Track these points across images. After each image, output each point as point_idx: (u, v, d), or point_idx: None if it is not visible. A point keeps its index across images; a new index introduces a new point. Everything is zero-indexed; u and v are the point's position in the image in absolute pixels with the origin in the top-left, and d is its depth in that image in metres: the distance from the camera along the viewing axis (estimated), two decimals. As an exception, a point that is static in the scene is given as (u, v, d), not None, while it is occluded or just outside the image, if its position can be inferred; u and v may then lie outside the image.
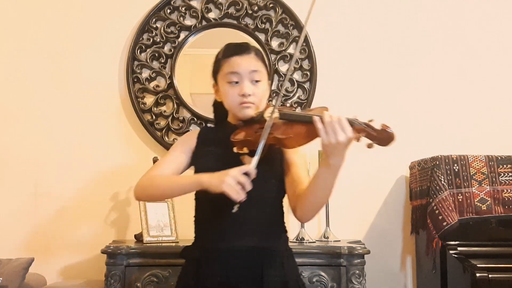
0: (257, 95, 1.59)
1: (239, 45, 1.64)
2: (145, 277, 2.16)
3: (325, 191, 1.47)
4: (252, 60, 1.61)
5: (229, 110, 1.65)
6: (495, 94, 2.76)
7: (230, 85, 1.59)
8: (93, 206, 2.63)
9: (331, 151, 1.38)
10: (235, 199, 1.37)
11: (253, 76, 1.59)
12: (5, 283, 2.17)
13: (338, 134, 1.35)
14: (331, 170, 1.42)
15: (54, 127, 2.70)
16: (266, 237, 1.57)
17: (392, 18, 2.80)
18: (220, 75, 1.63)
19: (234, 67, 1.59)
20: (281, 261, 1.58)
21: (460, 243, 2.27)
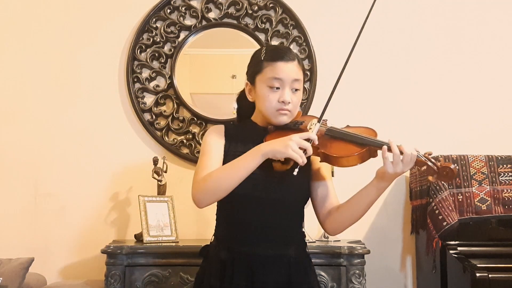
0: (294, 103, 1.59)
1: (284, 50, 1.62)
2: (145, 277, 2.16)
3: (364, 209, 1.55)
4: (295, 68, 1.60)
5: (262, 113, 1.62)
6: (495, 94, 2.76)
7: (271, 90, 1.57)
8: (93, 206, 2.64)
9: (387, 177, 1.47)
10: (300, 163, 1.40)
11: (294, 85, 1.59)
12: (5, 283, 2.17)
13: (406, 166, 1.44)
14: (378, 191, 1.51)
15: (54, 127, 2.70)
16: (291, 244, 1.59)
17: (392, 18, 2.80)
18: (260, 77, 1.59)
19: (278, 73, 1.56)
20: (305, 268, 1.60)
21: (460, 243, 2.26)
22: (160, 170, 2.47)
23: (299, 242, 1.64)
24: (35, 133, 2.69)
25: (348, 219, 1.57)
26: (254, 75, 1.62)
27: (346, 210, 1.56)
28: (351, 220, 1.58)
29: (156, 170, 2.46)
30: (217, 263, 1.56)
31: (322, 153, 1.51)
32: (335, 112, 2.65)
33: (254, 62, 1.63)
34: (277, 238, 1.55)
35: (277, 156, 1.43)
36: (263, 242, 1.53)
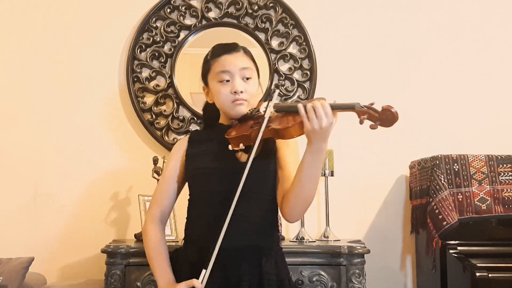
0: (248, 92, 1.60)
1: (227, 44, 1.65)
2: (145, 277, 2.16)
3: (310, 180, 1.46)
4: (241, 57, 1.62)
5: (221, 110, 1.65)
6: (494, 93, 2.76)
7: (222, 84, 1.60)
8: (93, 206, 2.63)
9: (313, 136, 1.40)
10: None
11: (244, 73, 1.60)
12: (5, 283, 2.17)
13: (321, 119, 1.37)
14: (314, 155, 1.42)
15: (54, 127, 2.70)
16: (261, 235, 1.57)
17: (392, 17, 2.80)
18: (210, 75, 1.64)
19: (224, 65, 1.60)
20: (275, 259, 1.59)
21: (460, 242, 2.27)
22: (160, 169, 2.47)
23: (270, 233, 1.62)
24: (35, 133, 2.69)
25: (299, 197, 1.48)
26: (205, 75, 1.66)
27: (295, 186, 1.48)
28: (301, 198, 1.48)
29: (156, 169, 2.46)
30: (186, 266, 1.56)
31: (273, 130, 1.47)
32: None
33: (203, 64, 1.68)
34: (247, 230, 1.54)
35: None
36: (231, 236, 1.49)
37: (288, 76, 2.72)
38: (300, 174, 1.46)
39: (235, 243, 1.52)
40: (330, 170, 2.51)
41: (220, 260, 1.50)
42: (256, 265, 1.53)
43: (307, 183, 1.46)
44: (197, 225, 1.60)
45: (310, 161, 1.43)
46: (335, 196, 2.59)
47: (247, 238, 1.54)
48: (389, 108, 1.37)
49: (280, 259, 1.62)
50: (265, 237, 1.59)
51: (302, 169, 1.45)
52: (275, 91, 1.52)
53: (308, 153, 1.43)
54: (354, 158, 2.69)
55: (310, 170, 1.44)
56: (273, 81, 2.70)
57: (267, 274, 1.53)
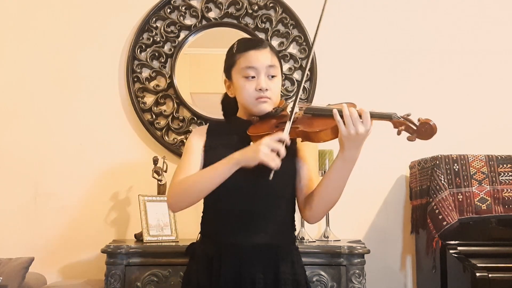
0: (273, 90, 1.58)
1: (255, 39, 1.66)
2: (145, 277, 2.16)
3: (337, 186, 1.47)
4: (268, 54, 1.59)
5: (243, 106, 1.62)
6: (495, 94, 2.76)
7: (247, 80, 1.57)
8: (93, 206, 2.63)
9: (347, 143, 1.39)
10: (272, 167, 1.36)
11: (269, 71, 1.58)
12: (5, 283, 2.17)
13: (358, 126, 1.37)
14: (345, 163, 1.43)
15: (54, 127, 2.70)
16: (279, 234, 1.57)
17: (392, 17, 2.80)
18: (235, 69, 1.60)
19: (251, 61, 1.56)
20: (292, 259, 1.58)
21: (460, 242, 2.26)
22: (160, 169, 2.47)
23: (288, 233, 1.61)
24: (35, 133, 2.69)
25: (324, 201, 1.50)
26: (229, 69, 1.62)
27: (322, 191, 1.48)
28: (326, 202, 1.50)
29: (156, 169, 2.46)
30: (203, 259, 1.55)
31: (301, 132, 1.47)
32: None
33: (228, 57, 1.64)
34: (265, 228, 1.53)
35: (250, 163, 1.40)
36: (250, 233, 1.51)
37: (288, 76, 2.72)
38: (328, 180, 1.47)
39: (254, 240, 1.51)
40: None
41: (237, 256, 1.50)
42: (272, 264, 1.52)
43: (334, 189, 1.47)
44: (217, 220, 1.57)
45: (340, 168, 1.44)
46: (335, 196, 2.58)
47: (266, 237, 1.53)
48: (427, 121, 1.36)
49: (297, 259, 1.61)
50: (283, 236, 1.58)
51: (331, 174, 1.46)
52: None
53: (340, 159, 1.43)
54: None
55: (338, 177, 1.45)
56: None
57: (284, 274, 1.52)
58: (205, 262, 1.54)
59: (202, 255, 1.56)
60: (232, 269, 1.49)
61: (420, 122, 1.36)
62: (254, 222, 1.51)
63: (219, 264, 1.51)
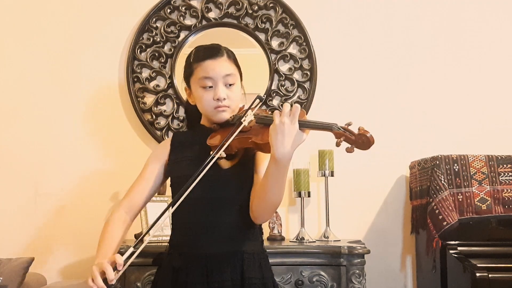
0: (231, 98, 1.59)
1: (210, 48, 1.63)
2: (145, 277, 2.16)
3: (274, 188, 1.44)
4: (225, 63, 1.60)
5: (203, 114, 1.65)
6: (495, 94, 2.76)
7: (204, 90, 1.59)
8: (93, 206, 2.63)
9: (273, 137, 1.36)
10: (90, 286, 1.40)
11: (227, 80, 1.59)
12: (5, 283, 2.17)
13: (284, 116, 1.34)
14: (277, 165, 1.38)
15: (54, 127, 2.70)
16: (244, 240, 1.57)
17: (392, 17, 2.80)
18: (193, 79, 1.62)
19: (208, 71, 1.58)
20: (259, 263, 1.58)
21: (460, 242, 2.26)
22: (160, 170, 2.47)
23: (253, 237, 1.61)
24: (35, 133, 2.69)
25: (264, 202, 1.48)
26: (188, 78, 1.65)
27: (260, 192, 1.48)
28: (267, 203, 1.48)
29: (156, 170, 2.46)
30: (169, 271, 1.55)
31: (252, 143, 1.48)
32: (335, 112, 2.67)
33: (186, 65, 1.66)
34: (229, 236, 1.54)
35: None
36: (215, 242, 1.52)
37: (288, 76, 2.72)
38: (264, 182, 1.46)
39: (218, 249, 1.52)
40: (330, 170, 2.51)
41: (203, 267, 1.51)
42: (239, 270, 1.53)
43: (271, 191, 1.45)
44: (180, 231, 1.59)
45: (273, 170, 1.41)
46: (335, 196, 2.59)
47: (229, 244, 1.54)
48: (364, 133, 1.33)
49: (264, 262, 1.61)
50: (247, 242, 1.58)
51: (266, 178, 1.44)
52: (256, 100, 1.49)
53: (271, 162, 1.40)
54: (354, 158, 2.67)
55: (273, 179, 1.43)
56: (273, 81, 2.70)
57: (250, 279, 1.53)
58: (170, 274, 1.54)
59: (168, 266, 1.57)
60: (200, 279, 1.50)
61: (358, 133, 1.34)
62: (217, 231, 1.52)
63: (185, 275, 1.51)
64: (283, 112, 1.35)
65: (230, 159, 1.53)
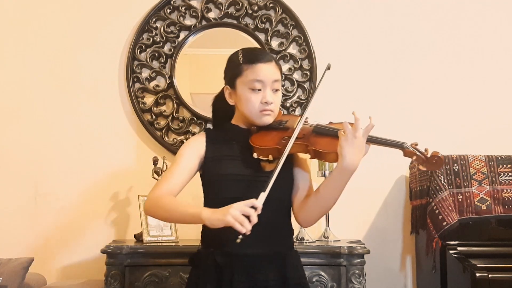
0: (276, 103, 1.63)
1: (262, 52, 1.67)
2: (145, 277, 2.16)
3: (333, 195, 1.53)
4: (274, 69, 1.63)
5: (245, 116, 1.63)
6: (495, 94, 2.76)
7: (253, 92, 1.59)
8: (93, 206, 2.63)
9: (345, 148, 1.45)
10: (239, 230, 1.37)
11: (274, 85, 1.61)
12: (5, 283, 2.17)
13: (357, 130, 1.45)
14: (343, 173, 1.48)
15: (54, 127, 2.70)
16: (283, 241, 1.63)
17: (392, 18, 2.80)
18: (240, 80, 1.61)
19: (259, 74, 1.59)
20: (295, 264, 1.63)
21: (460, 243, 2.27)
22: (160, 170, 2.47)
23: (289, 238, 1.67)
24: (35, 133, 2.69)
25: (319, 208, 1.57)
26: (233, 78, 1.63)
27: (319, 198, 1.55)
28: (321, 209, 1.58)
29: (156, 170, 2.46)
30: (212, 268, 1.55)
31: (312, 150, 1.54)
32: (334, 112, 2.66)
33: (233, 65, 1.65)
34: (272, 237, 1.58)
35: (215, 224, 1.42)
36: (259, 242, 1.53)
37: (288, 76, 2.72)
38: (325, 188, 1.53)
39: (260, 249, 1.55)
40: (330, 171, 2.51)
41: (247, 266, 1.53)
42: (280, 271, 1.56)
43: (330, 197, 1.54)
44: (222, 230, 1.55)
45: (337, 177, 1.50)
46: (335, 196, 2.58)
47: (273, 244, 1.57)
48: (436, 154, 1.47)
49: (298, 263, 1.66)
50: (285, 242, 1.64)
51: (328, 183, 1.53)
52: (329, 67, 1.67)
53: (338, 169, 1.49)
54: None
55: (335, 186, 1.52)
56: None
57: (292, 279, 1.57)
58: (213, 272, 1.55)
59: (210, 264, 1.56)
60: (245, 278, 1.52)
61: (431, 154, 1.47)
62: (260, 231, 1.52)
63: (231, 274, 1.52)
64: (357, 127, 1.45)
65: (272, 162, 1.58)
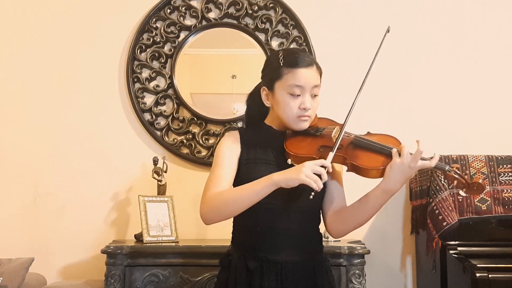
0: (314, 109, 1.61)
1: (303, 55, 1.60)
2: (145, 277, 2.16)
3: (371, 211, 1.54)
4: (315, 74, 1.60)
5: (281, 119, 1.61)
6: (495, 94, 2.75)
7: (292, 97, 1.56)
8: (93, 206, 2.63)
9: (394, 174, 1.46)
10: (314, 188, 1.38)
11: (314, 91, 1.59)
12: (5, 283, 2.17)
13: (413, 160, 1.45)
14: (385, 194, 1.49)
15: (54, 127, 2.70)
16: (315, 248, 1.63)
17: (392, 18, 2.80)
18: (280, 83, 1.57)
19: (300, 80, 1.55)
20: (326, 271, 1.63)
21: (460, 243, 2.26)
22: (160, 170, 2.47)
23: (320, 245, 1.67)
24: (35, 133, 2.69)
25: (355, 222, 1.58)
26: (273, 81, 1.59)
27: (352, 213, 1.56)
28: (355, 223, 1.58)
29: (156, 170, 2.46)
30: (243, 272, 1.55)
31: (350, 164, 1.52)
32: (335, 112, 2.66)
33: (273, 67, 1.60)
34: (303, 244, 1.58)
35: (290, 184, 1.40)
36: (290, 249, 1.54)
37: (288, 76, 2.72)
38: (364, 205, 1.54)
39: (292, 256, 1.55)
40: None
41: (278, 272, 1.53)
42: (310, 279, 1.56)
43: (368, 214, 1.55)
44: (255, 236, 1.57)
45: (378, 197, 1.51)
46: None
47: (303, 251, 1.57)
48: (477, 180, 1.48)
49: (329, 270, 1.66)
50: (316, 249, 1.64)
51: (368, 201, 1.53)
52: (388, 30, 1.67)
53: (381, 189, 1.50)
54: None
55: (374, 204, 1.53)
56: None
57: (322, 286, 1.57)
58: (244, 275, 1.55)
59: (241, 267, 1.56)
60: (275, 284, 1.52)
61: (472, 181, 1.47)
62: (292, 238, 1.55)
63: (260, 279, 1.53)
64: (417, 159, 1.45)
65: None
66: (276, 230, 1.55)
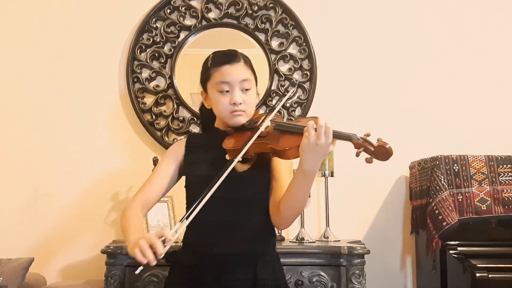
0: (247, 103, 1.63)
1: (228, 53, 1.67)
2: (145, 277, 2.16)
3: (300, 196, 1.50)
4: (242, 68, 1.63)
5: (219, 118, 1.68)
6: (495, 94, 2.76)
7: (221, 94, 1.62)
8: (93, 206, 2.64)
9: (306, 154, 1.40)
10: (140, 262, 1.35)
11: (243, 85, 1.62)
12: (5, 283, 2.17)
13: (320, 136, 1.37)
14: (305, 176, 1.44)
15: (54, 127, 2.70)
16: (258, 242, 1.60)
17: (392, 18, 2.80)
18: (210, 83, 1.65)
19: (225, 76, 1.61)
20: (272, 265, 1.61)
21: (460, 243, 2.26)
22: (160, 170, 2.47)
23: (266, 239, 1.64)
24: (35, 133, 2.69)
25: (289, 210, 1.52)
26: (204, 82, 1.68)
27: (286, 201, 1.52)
28: (291, 211, 1.53)
29: (156, 170, 2.46)
30: (183, 269, 1.58)
31: (270, 149, 1.53)
32: (335, 112, 2.67)
33: (203, 70, 1.69)
34: (243, 237, 1.56)
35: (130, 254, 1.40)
36: (229, 242, 1.54)
37: (288, 76, 2.72)
38: (291, 190, 1.50)
39: (231, 249, 1.54)
40: (330, 171, 2.51)
41: (216, 266, 1.53)
42: (251, 271, 1.55)
43: (298, 199, 1.50)
44: (195, 231, 1.59)
45: (300, 180, 1.46)
46: (335, 196, 2.59)
47: (243, 245, 1.56)
48: (383, 145, 1.39)
49: (277, 264, 1.65)
50: (261, 243, 1.61)
51: (293, 187, 1.49)
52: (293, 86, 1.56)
53: (300, 172, 1.45)
54: (354, 159, 2.68)
55: (300, 188, 1.48)
56: (273, 82, 2.70)
57: (262, 280, 1.55)
58: (183, 273, 1.57)
59: (181, 264, 1.60)
60: (212, 278, 1.53)
61: (378, 144, 1.39)
62: (231, 232, 1.55)
63: (198, 275, 1.54)
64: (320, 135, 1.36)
65: (245, 162, 1.58)
66: (214, 223, 1.55)
